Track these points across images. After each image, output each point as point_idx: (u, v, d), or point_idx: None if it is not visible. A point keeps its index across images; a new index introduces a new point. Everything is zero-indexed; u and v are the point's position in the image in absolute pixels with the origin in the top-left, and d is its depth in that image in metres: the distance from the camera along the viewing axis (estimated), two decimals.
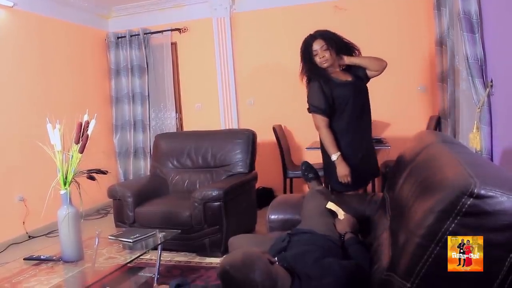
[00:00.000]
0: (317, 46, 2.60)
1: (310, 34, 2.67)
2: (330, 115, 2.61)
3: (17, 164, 4.08)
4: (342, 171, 2.57)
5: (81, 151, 2.18)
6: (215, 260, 3.18)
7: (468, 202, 0.99)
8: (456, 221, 1.01)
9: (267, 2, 5.02)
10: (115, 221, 3.60)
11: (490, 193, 0.98)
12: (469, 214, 1.00)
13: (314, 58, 2.61)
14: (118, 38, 5.47)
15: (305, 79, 2.71)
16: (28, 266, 2.27)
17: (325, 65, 2.60)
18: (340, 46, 2.65)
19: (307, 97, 2.69)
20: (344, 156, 2.59)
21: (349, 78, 2.66)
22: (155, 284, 2.55)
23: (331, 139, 2.60)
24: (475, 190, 0.99)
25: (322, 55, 2.59)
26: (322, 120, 2.61)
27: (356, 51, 2.71)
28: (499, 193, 0.98)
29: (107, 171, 2.37)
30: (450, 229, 1.01)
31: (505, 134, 2.39)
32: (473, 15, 2.56)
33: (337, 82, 2.62)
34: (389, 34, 4.64)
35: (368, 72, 2.68)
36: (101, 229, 2.71)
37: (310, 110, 2.68)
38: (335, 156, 2.58)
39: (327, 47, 2.59)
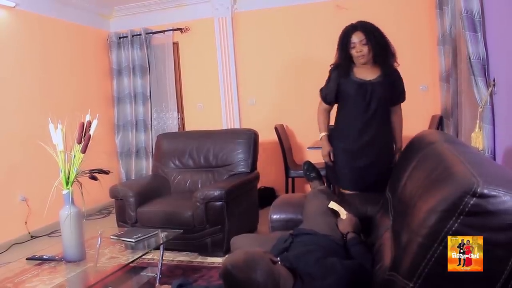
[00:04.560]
0: (356, 39, 2.51)
1: (352, 24, 2.58)
2: (331, 103, 2.74)
3: (19, 164, 4.09)
4: (323, 151, 2.72)
5: (83, 151, 2.18)
6: (217, 260, 3.18)
7: (471, 202, 0.99)
8: (459, 220, 1.00)
9: (268, 2, 5.02)
10: (117, 221, 3.60)
11: (493, 193, 0.97)
12: (472, 214, 0.99)
13: (351, 50, 2.54)
14: (119, 38, 5.48)
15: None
16: (31, 266, 2.27)
17: (361, 61, 2.54)
18: (379, 43, 2.53)
19: None
20: (337, 145, 2.70)
21: (373, 76, 2.57)
22: (157, 284, 2.54)
23: (322, 119, 2.77)
24: (478, 190, 0.98)
25: (359, 49, 2.51)
26: (320, 104, 2.79)
27: (392, 55, 2.59)
28: (502, 192, 0.97)
29: (109, 171, 2.37)
30: (453, 228, 1.01)
31: (508, 133, 2.38)
32: (476, 14, 2.55)
33: (350, 78, 2.59)
34: (391, 34, 4.56)
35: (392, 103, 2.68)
36: (103, 229, 2.72)
37: None
38: (320, 135, 2.75)
39: (367, 41, 2.50)
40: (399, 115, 2.77)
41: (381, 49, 2.54)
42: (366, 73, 2.60)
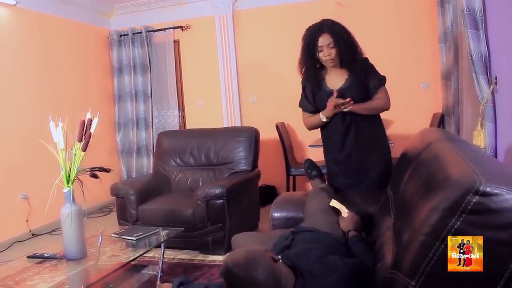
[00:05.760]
0: (324, 42, 2.37)
1: (318, 25, 2.41)
2: (313, 111, 2.61)
3: (20, 162, 4.09)
4: (329, 106, 2.42)
5: (84, 149, 2.18)
6: (218, 258, 3.19)
7: (473, 200, 0.98)
8: (461, 219, 1.00)
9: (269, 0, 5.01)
10: (118, 219, 3.61)
11: (495, 191, 0.97)
12: (474, 212, 0.99)
13: (318, 54, 2.42)
14: (120, 36, 5.48)
15: (303, 71, 2.56)
16: (32, 264, 2.27)
17: (330, 64, 2.44)
18: (346, 44, 2.39)
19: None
20: (328, 157, 2.66)
21: (342, 80, 2.48)
22: (158, 282, 2.54)
23: (312, 118, 2.61)
24: (480, 188, 0.98)
25: (328, 53, 2.38)
26: (303, 114, 2.71)
27: (358, 56, 2.46)
28: (504, 190, 0.97)
29: (110, 169, 2.37)
30: (455, 227, 1.01)
31: (510, 131, 2.37)
32: (477, 12, 2.54)
33: (324, 89, 2.52)
34: (393, 31, 4.62)
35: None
36: (104, 227, 2.72)
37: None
38: (322, 115, 2.51)
39: (334, 44, 2.36)
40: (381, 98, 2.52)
41: (349, 51, 2.40)
42: (335, 79, 2.51)
